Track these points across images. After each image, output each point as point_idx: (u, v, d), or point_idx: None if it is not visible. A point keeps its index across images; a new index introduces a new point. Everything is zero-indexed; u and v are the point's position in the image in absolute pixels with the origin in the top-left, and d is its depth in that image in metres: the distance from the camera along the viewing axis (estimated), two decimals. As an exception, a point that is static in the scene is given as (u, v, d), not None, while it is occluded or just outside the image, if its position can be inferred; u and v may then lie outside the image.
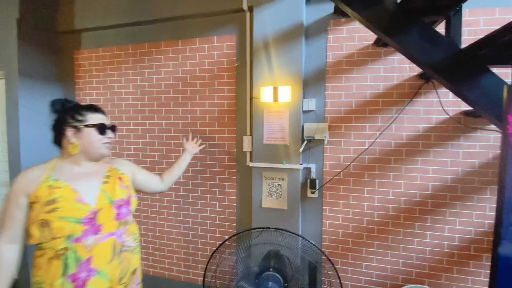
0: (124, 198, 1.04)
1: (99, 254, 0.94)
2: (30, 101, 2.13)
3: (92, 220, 0.95)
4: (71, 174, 0.99)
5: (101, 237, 0.95)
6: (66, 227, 0.90)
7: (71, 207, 0.92)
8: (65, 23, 2.26)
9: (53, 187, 0.93)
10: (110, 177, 1.05)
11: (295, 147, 1.75)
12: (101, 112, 1.07)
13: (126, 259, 1.01)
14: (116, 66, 2.20)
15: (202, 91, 2.02)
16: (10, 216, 0.93)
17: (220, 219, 2.04)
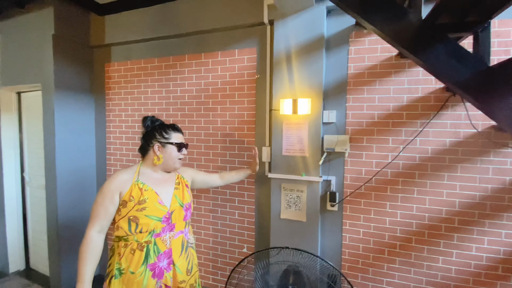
0: (190, 202, 1.28)
1: (174, 248, 1.14)
2: (65, 111, 2.29)
3: (168, 219, 1.15)
4: (153, 179, 1.19)
5: (174, 234, 1.17)
6: (151, 223, 1.10)
7: (155, 207, 1.12)
8: (97, 38, 2.42)
9: (143, 190, 1.13)
10: (179, 184, 1.27)
11: (314, 159, 1.75)
12: (181, 131, 1.30)
13: (191, 254, 1.24)
14: (143, 78, 2.32)
15: (223, 102, 2.07)
16: (104, 209, 1.10)
17: (239, 227, 2.08)
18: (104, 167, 2.54)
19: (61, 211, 2.27)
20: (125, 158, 2.44)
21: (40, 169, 2.52)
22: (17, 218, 2.69)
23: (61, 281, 2.30)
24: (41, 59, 2.27)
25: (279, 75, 1.81)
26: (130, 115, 2.40)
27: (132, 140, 2.41)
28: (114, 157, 2.50)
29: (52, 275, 2.35)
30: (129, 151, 2.42)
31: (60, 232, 2.27)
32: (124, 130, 2.44)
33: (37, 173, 2.58)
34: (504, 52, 1.46)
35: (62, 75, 2.27)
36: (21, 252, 2.72)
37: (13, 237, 2.66)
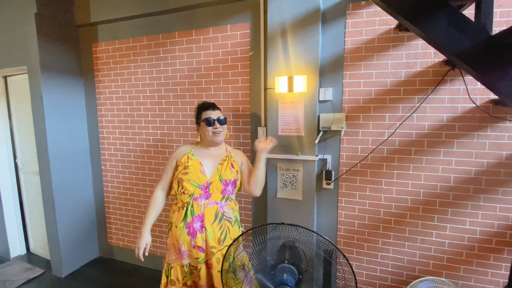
0: (231, 179, 1.35)
1: (207, 214, 1.28)
2: (54, 94, 2.22)
3: (206, 188, 1.31)
4: (202, 153, 1.38)
5: (209, 202, 1.30)
6: (190, 188, 1.30)
7: (196, 174, 1.30)
8: (82, 16, 2.29)
9: (190, 158, 1.34)
10: (224, 161, 1.37)
11: (310, 138, 1.73)
12: (210, 108, 1.38)
13: (226, 226, 1.32)
14: (132, 58, 2.23)
15: (216, 82, 2.01)
16: (165, 173, 1.40)
17: (236, 208, 2.09)
18: (98, 151, 2.50)
19: (57, 196, 2.26)
20: (119, 142, 2.40)
21: (32, 155, 2.48)
22: (13, 204, 2.69)
23: (61, 264, 2.34)
24: (24, 40, 2.17)
25: (273, 51, 1.74)
26: (121, 97, 2.33)
27: (124, 123, 2.35)
28: (108, 140, 2.46)
29: (52, 258, 2.38)
30: (123, 134, 2.38)
31: (57, 217, 2.27)
32: (116, 113, 2.38)
33: (30, 159, 2.55)
34: (506, 23, 1.41)
35: (48, 57, 2.17)
36: (20, 237, 2.74)
37: (12, 223, 2.67)
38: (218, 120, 1.35)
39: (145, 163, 2.34)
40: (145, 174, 2.36)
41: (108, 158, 2.48)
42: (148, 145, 2.30)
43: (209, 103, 1.41)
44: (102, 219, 2.61)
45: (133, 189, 2.43)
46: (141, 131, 2.31)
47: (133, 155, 2.37)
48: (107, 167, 2.50)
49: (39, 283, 2.27)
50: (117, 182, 2.49)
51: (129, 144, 2.37)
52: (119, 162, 2.44)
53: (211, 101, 1.47)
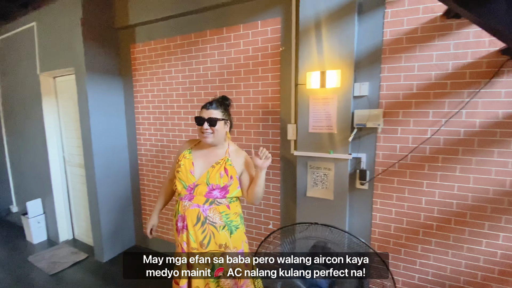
0: (219, 184, 1.24)
1: (188, 216, 1.24)
2: (97, 93, 2.39)
3: (192, 190, 1.26)
4: (199, 153, 1.33)
5: (191, 204, 1.24)
6: (179, 186, 1.28)
7: (186, 174, 1.27)
8: (121, 19, 2.43)
9: (184, 157, 1.31)
10: (217, 165, 1.27)
11: (343, 136, 1.65)
12: (206, 106, 1.28)
13: (210, 231, 1.24)
14: (167, 57, 2.32)
15: (246, 79, 2.01)
16: (172, 166, 1.43)
17: (264, 204, 2.08)
18: (135, 147, 2.66)
19: (99, 188, 2.44)
20: (154, 138, 2.52)
21: (76, 149, 2.71)
22: (62, 194, 2.96)
23: (103, 250, 2.53)
24: (72, 43, 2.35)
25: (305, 45, 1.69)
26: (156, 95, 2.44)
27: (159, 120, 2.46)
28: (144, 137, 2.59)
29: (95, 244, 2.59)
30: (157, 131, 2.49)
31: (100, 206, 2.46)
32: (151, 111, 2.50)
33: (74, 153, 2.79)
34: None
35: (92, 58, 2.34)
36: (68, 224, 3.02)
37: (61, 210, 2.95)
38: (208, 120, 1.24)
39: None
40: (177, 169, 2.45)
41: (144, 153, 2.62)
42: (181, 141, 2.38)
43: (209, 102, 1.30)
44: (138, 210, 2.77)
45: (166, 183, 2.54)
46: (174, 128, 2.39)
47: (167, 151, 2.47)
48: (143, 161, 2.64)
49: (84, 266, 2.48)
50: (151, 176, 2.62)
51: (163, 140, 2.48)
52: (153, 157, 2.57)
53: (217, 98, 1.34)
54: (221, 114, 1.28)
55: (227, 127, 1.32)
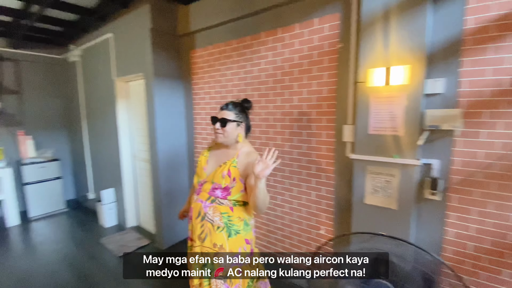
0: (221, 184, 1.25)
1: (194, 209, 1.32)
2: (162, 96, 2.63)
3: (201, 185, 1.32)
4: (215, 152, 1.38)
5: (197, 198, 1.31)
6: (195, 181, 1.38)
7: (200, 170, 1.36)
8: (183, 27, 2.64)
9: (202, 154, 1.40)
10: (224, 165, 1.28)
11: (411, 139, 1.48)
12: (222, 107, 1.32)
13: (207, 227, 1.26)
14: (223, 61, 2.42)
15: (300, 78, 1.97)
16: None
17: (316, 208, 2.01)
18: (193, 146, 2.84)
19: (162, 182, 2.68)
20: (210, 137, 2.66)
21: (142, 146, 3.03)
22: (132, 185, 3.35)
23: (163, 238, 2.77)
24: (142, 51, 2.64)
25: (368, 40, 1.57)
26: (213, 97, 2.57)
27: (214, 121, 2.59)
28: (200, 136, 2.76)
29: (156, 232, 2.85)
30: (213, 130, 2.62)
31: (162, 198, 2.70)
32: (208, 112, 2.64)
33: (141, 149, 3.12)
34: None
35: (158, 64, 2.59)
36: (134, 212, 3.40)
37: (129, 200, 3.34)
38: (220, 120, 1.26)
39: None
40: (229, 168, 2.54)
41: (200, 151, 2.79)
42: (233, 141, 2.46)
43: (226, 103, 1.31)
44: (193, 205, 2.96)
45: (218, 181, 2.66)
46: (228, 128, 2.49)
47: (220, 150, 2.59)
48: (198, 159, 2.81)
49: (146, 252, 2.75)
50: (206, 174, 2.77)
51: (217, 140, 2.60)
52: (208, 156, 2.71)
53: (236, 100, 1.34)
54: (234, 116, 1.28)
55: (240, 129, 1.30)
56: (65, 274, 2.38)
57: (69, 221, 3.62)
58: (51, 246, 2.93)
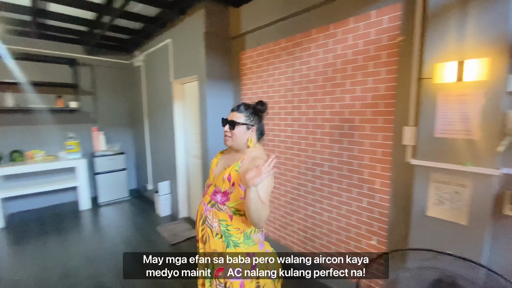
0: (221, 188, 1.17)
1: (198, 210, 1.26)
2: (214, 96, 2.76)
3: (207, 188, 1.27)
4: (226, 155, 1.32)
5: (202, 201, 1.26)
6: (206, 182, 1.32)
7: (210, 172, 1.32)
8: (234, 29, 2.72)
9: (216, 157, 1.36)
10: (228, 168, 1.20)
11: (489, 144, 1.26)
12: (233, 109, 1.26)
13: (207, 232, 1.19)
14: (271, 60, 2.42)
15: (352, 76, 1.85)
16: None
17: (367, 216, 1.87)
18: (239, 144, 2.92)
19: (209, 178, 2.82)
20: (255, 137, 2.70)
21: (194, 143, 3.23)
22: (185, 179, 3.61)
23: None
24: (196, 54, 2.80)
25: (436, 30, 1.39)
26: (260, 97, 2.60)
27: (261, 120, 2.61)
28: (247, 135, 2.81)
29: (204, 226, 3.01)
30: (259, 130, 2.65)
31: (209, 194, 2.84)
32: (254, 111, 2.68)
33: (193, 146, 3.32)
34: None
35: (211, 66, 2.72)
36: (186, 204, 3.65)
37: (181, 192, 3.60)
38: (229, 123, 1.20)
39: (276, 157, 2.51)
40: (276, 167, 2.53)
41: (246, 150, 2.85)
42: (280, 141, 2.44)
43: (238, 104, 1.25)
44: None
45: (264, 180, 2.67)
46: (274, 128, 2.48)
47: (267, 149, 2.60)
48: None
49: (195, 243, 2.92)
50: (251, 172, 2.81)
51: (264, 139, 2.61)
52: (254, 155, 2.75)
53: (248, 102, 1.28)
54: (244, 119, 1.20)
55: (251, 133, 1.21)
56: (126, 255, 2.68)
57: (130, 208, 4.07)
58: (114, 229, 3.34)
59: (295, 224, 2.39)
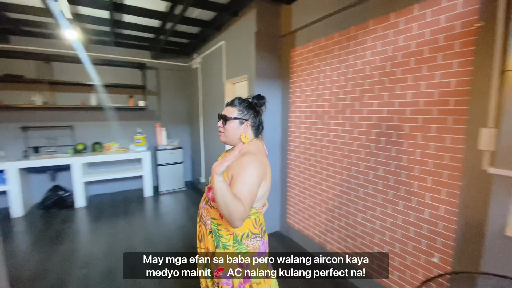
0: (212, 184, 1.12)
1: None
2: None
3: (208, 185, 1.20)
4: (227, 153, 1.23)
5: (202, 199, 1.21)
6: None
7: None
8: (285, 27, 2.69)
9: (220, 156, 1.28)
10: None
11: None
12: (227, 104, 1.20)
13: (202, 229, 1.17)
14: (323, 56, 2.32)
15: (416, 69, 1.64)
16: None
17: (429, 230, 1.64)
18: (286, 143, 2.89)
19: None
20: (303, 136, 2.63)
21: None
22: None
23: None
24: (247, 54, 2.87)
25: (529, 12, 1.13)
26: (309, 95, 2.52)
27: (309, 119, 2.53)
28: (294, 134, 2.76)
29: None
30: (307, 129, 2.57)
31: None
32: (303, 110, 2.61)
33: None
34: None
35: (260, 65, 2.75)
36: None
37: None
38: (222, 118, 1.16)
39: (323, 157, 2.40)
40: (323, 168, 2.42)
41: (292, 149, 2.80)
42: (329, 141, 2.33)
43: (233, 98, 1.19)
44: (284, 200, 3.02)
45: (310, 180, 2.59)
46: (323, 127, 2.38)
47: (314, 149, 2.51)
48: (291, 157, 2.83)
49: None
50: (298, 171, 2.76)
51: (311, 139, 2.53)
52: (301, 154, 2.68)
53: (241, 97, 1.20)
54: (237, 113, 1.14)
55: (244, 128, 1.15)
56: (177, 241, 2.92)
57: (186, 198, 4.42)
58: (171, 216, 3.67)
59: (343, 230, 2.26)
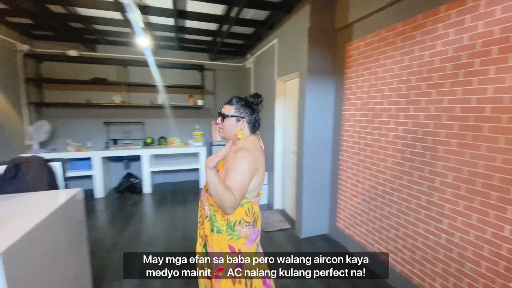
0: None
1: None
2: (313, 92, 2.73)
3: None
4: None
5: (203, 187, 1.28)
6: None
7: None
8: (341, 20, 2.56)
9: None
10: None
11: None
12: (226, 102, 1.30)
13: (202, 213, 1.27)
14: (382, 49, 2.14)
15: (500, 60, 1.38)
16: None
17: (509, 250, 1.37)
18: (338, 142, 2.76)
19: (305, 173, 2.83)
20: (357, 135, 2.47)
21: (290, 139, 3.29)
22: (281, 173, 3.77)
23: (301, 227, 2.92)
24: (299, 51, 2.83)
25: None
26: (366, 91, 2.35)
27: (365, 117, 2.37)
28: (347, 133, 2.62)
29: (297, 220, 3.05)
30: (362, 128, 2.41)
31: (304, 188, 2.85)
32: (358, 107, 2.45)
33: (290, 142, 3.40)
34: None
35: (313, 62, 2.68)
36: (280, 197, 3.80)
37: (277, 185, 3.77)
38: (220, 115, 1.26)
39: (381, 160, 2.22)
40: (379, 171, 2.24)
41: (345, 149, 2.66)
42: (387, 142, 2.14)
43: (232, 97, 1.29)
44: (334, 202, 2.89)
45: (364, 183, 2.42)
46: (381, 126, 2.19)
47: (370, 150, 2.34)
48: (344, 157, 2.69)
49: (286, 234, 3.02)
50: (350, 173, 2.61)
51: (367, 138, 2.36)
52: (354, 155, 2.53)
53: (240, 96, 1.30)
54: (234, 111, 1.24)
55: (240, 125, 1.25)
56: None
57: (235, 193, 4.63)
58: (223, 208, 3.88)
59: (400, 241, 2.05)
